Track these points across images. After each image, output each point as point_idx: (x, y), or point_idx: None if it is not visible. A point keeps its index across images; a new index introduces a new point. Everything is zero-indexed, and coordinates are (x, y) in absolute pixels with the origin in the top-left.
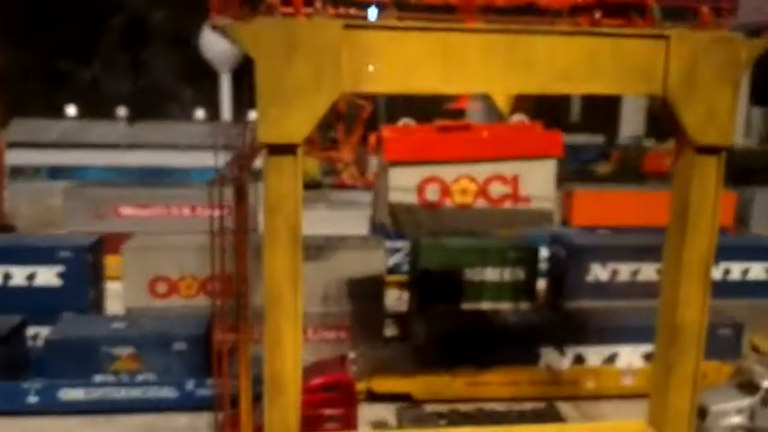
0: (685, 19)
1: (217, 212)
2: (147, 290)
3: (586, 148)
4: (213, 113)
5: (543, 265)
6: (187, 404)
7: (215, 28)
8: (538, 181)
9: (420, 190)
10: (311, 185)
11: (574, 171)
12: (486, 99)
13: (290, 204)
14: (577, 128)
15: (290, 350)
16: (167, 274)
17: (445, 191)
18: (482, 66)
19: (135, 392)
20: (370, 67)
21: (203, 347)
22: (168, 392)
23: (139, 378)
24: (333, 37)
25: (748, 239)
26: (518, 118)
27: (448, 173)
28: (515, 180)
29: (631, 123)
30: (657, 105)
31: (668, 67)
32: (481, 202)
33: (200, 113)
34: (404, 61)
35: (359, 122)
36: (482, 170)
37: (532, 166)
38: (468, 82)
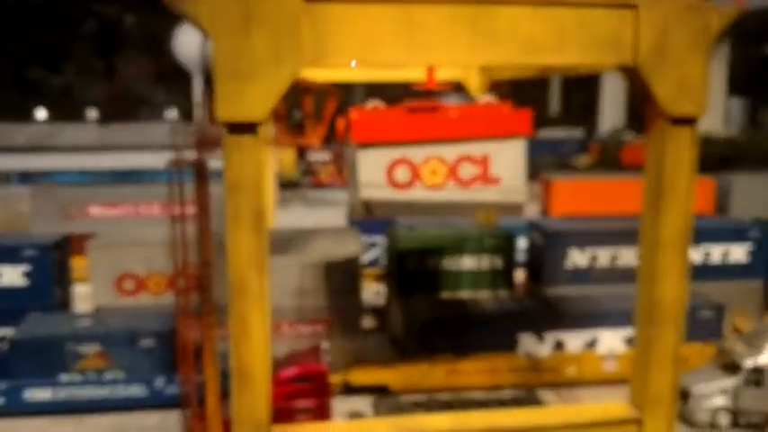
0: None
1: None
2: (114, 288)
3: (566, 141)
4: (187, 116)
5: (522, 256)
6: (156, 402)
7: (170, 5)
8: (508, 161)
9: (390, 172)
10: (289, 185)
11: (554, 164)
12: (461, 86)
13: (252, 184)
14: (557, 122)
15: (257, 338)
16: (135, 271)
17: (415, 172)
18: (446, 37)
19: (103, 391)
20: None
21: (172, 344)
22: (137, 390)
23: (107, 376)
24: (292, 10)
25: (727, 222)
26: (487, 98)
27: (417, 154)
28: (485, 160)
29: (611, 116)
30: (636, 95)
31: (638, 36)
32: (451, 184)
33: (172, 113)
34: (367, 34)
35: (328, 109)
36: (452, 151)
37: (502, 145)
38: (433, 54)
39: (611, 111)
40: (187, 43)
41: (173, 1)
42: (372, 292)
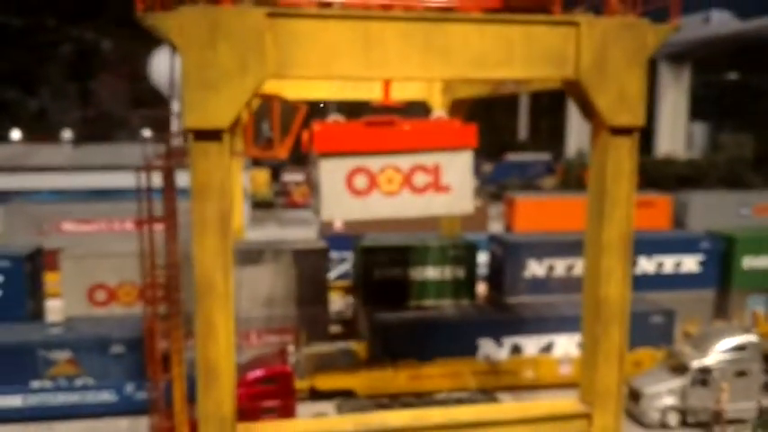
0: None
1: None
2: (86, 298)
3: (533, 164)
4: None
5: (483, 270)
6: (126, 408)
7: (140, 21)
8: (457, 170)
9: (349, 179)
10: (263, 205)
11: (520, 185)
12: (426, 106)
13: (218, 189)
14: (526, 146)
15: (222, 338)
16: (106, 282)
17: (372, 180)
18: (401, 52)
19: (73, 397)
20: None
21: (141, 350)
22: (107, 396)
23: (77, 383)
24: (256, 24)
25: (680, 234)
26: (438, 114)
27: (374, 163)
28: (436, 170)
29: (577, 140)
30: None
31: (579, 52)
32: (406, 191)
33: (147, 134)
34: (326, 47)
35: (296, 123)
36: (406, 161)
37: (451, 156)
38: (389, 68)
39: (577, 135)
40: (163, 67)
41: (143, 17)
42: (341, 304)
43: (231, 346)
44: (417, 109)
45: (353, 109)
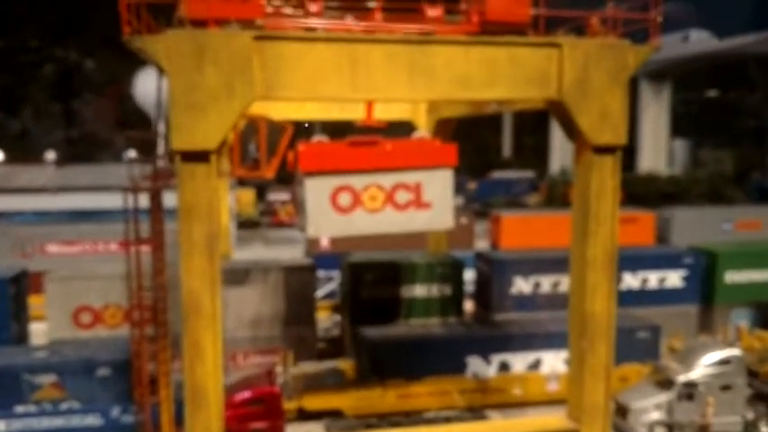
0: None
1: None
2: (71, 320)
3: (517, 182)
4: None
5: (469, 288)
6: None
7: (127, 44)
8: (437, 188)
9: (333, 197)
10: (249, 224)
11: (505, 203)
12: (412, 127)
13: (205, 210)
14: (510, 164)
15: (210, 359)
16: (91, 304)
17: (356, 198)
18: (387, 74)
19: (58, 422)
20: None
21: (128, 373)
22: (93, 420)
23: (63, 407)
24: (243, 47)
25: (663, 250)
26: (420, 134)
27: (358, 182)
28: (418, 187)
29: (560, 158)
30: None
31: (562, 72)
32: (389, 208)
33: (132, 154)
34: (313, 70)
35: (282, 143)
36: (388, 179)
37: (432, 174)
38: (375, 89)
39: (560, 153)
40: (148, 88)
41: (131, 40)
42: (328, 322)
43: (219, 367)
44: (399, 129)
45: (337, 129)
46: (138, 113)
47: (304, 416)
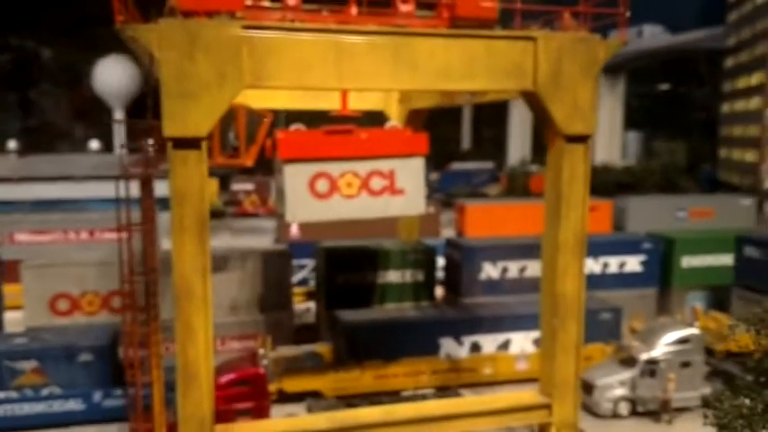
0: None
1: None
2: (48, 308)
3: (477, 172)
4: (108, 148)
5: (439, 274)
6: (95, 416)
7: (120, 32)
8: (410, 175)
9: (311, 183)
10: (213, 214)
11: (467, 193)
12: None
13: (197, 195)
14: (469, 156)
15: (201, 341)
16: (69, 291)
17: (333, 184)
18: (371, 64)
19: (40, 407)
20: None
21: (110, 357)
22: (75, 405)
23: (44, 392)
24: (233, 36)
25: (623, 236)
26: (392, 124)
27: (335, 169)
28: (391, 174)
29: (518, 150)
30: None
31: (537, 65)
32: (364, 194)
33: (94, 144)
34: (300, 59)
35: (261, 131)
36: (363, 166)
37: (405, 162)
38: (360, 79)
39: (518, 145)
40: (109, 78)
41: (123, 28)
42: (303, 309)
43: (210, 348)
44: (363, 120)
45: (299, 119)
46: (96, 102)
47: (284, 398)
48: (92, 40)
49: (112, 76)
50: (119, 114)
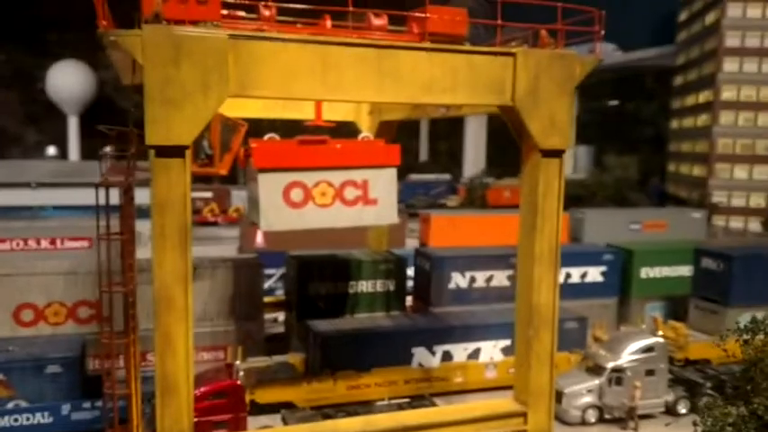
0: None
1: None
2: (11, 318)
3: (436, 183)
4: (63, 155)
5: (410, 283)
6: (64, 430)
7: (103, 38)
8: (383, 185)
9: (286, 192)
10: None
11: (427, 204)
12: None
13: (179, 204)
14: (425, 167)
15: (181, 351)
16: (33, 301)
17: (307, 193)
18: (356, 76)
19: (6, 421)
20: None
21: (78, 369)
22: (43, 418)
23: (10, 405)
24: (219, 45)
25: (584, 247)
26: (364, 135)
27: (309, 178)
28: (365, 184)
29: (473, 163)
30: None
31: (515, 80)
32: (338, 203)
33: (51, 150)
34: (286, 70)
35: (236, 140)
36: (337, 176)
37: (378, 173)
38: (344, 90)
39: (473, 158)
40: (63, 84)
41: (106, 34)
42: (271, 319)
43: (190, 359)
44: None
45: (265, 129)
46: (49, 107)
47: (257, 409)
48: (45, 44)
49: (67, 82)
50: (73, 120)
